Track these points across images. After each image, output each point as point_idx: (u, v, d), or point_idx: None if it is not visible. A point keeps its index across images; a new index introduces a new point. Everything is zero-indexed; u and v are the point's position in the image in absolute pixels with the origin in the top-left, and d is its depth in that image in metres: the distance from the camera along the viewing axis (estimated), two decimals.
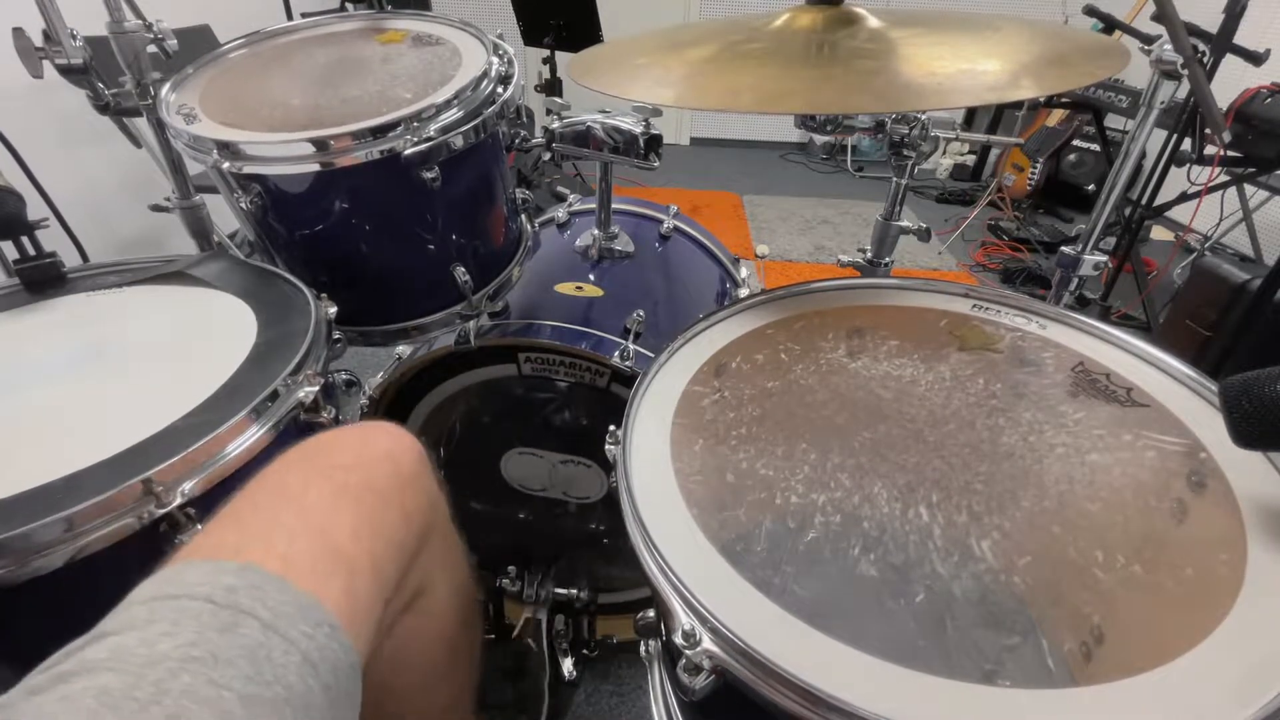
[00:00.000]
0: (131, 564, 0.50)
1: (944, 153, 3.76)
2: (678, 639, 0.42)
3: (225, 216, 0.95)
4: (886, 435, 0.57)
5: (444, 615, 0.60)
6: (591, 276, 1.07)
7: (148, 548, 0.50)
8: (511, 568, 1.10)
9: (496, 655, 1.03)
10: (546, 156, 1.17)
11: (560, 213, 1.24)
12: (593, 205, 1.14)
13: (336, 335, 0.73)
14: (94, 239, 1.44)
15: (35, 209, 0.75)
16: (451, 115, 0.75)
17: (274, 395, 0.58)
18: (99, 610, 0.51)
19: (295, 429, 0.62)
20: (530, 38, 2.83)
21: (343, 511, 0.45)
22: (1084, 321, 0.69)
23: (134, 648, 0.33)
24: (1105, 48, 0.66)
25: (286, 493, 0.45)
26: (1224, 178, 1.92)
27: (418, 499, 0.52)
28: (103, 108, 0.83)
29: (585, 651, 1.16)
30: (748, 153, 4.20)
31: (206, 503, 0.51)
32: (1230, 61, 1.64)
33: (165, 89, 0.80)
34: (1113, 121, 2.79)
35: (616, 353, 0.88)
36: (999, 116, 3.42)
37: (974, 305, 0.74)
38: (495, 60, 0.81)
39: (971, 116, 3.61)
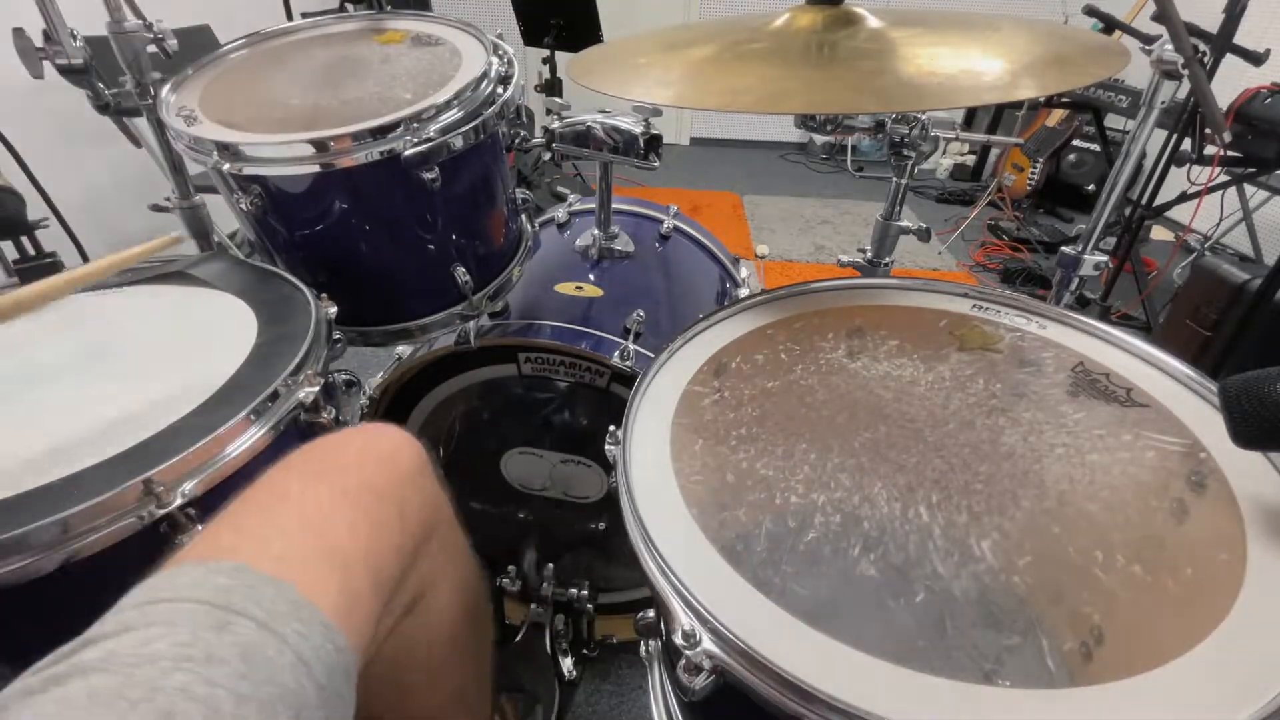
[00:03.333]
0: (132, 564, 0.50)
1: (944, 153, 3.76)
2: (677, 639, 0.42)
3: (225, 216, 0.95)
4: (886, 435, 0.57)
5: (448, 614, 0.60)
6: (591, 276, 1.07)
7: (148, 548, 0.50)
8: (511, 568, 1.11)
9: (505, 651, 1.03)
10: (546, 156, 1.18)
11: (560, 213, 1.24)
12: (593, 205, 1.14)
13: (336, 335, 0.73)
14: (94, 239, 1.44)
15: (35, 209, 0.76)
16: (451, 116, 0.75)
17: (274, 395, 0.58)
18: (100, 611, 0.51)
19: (295, 429, 0.62)
20: (530, 38, 2.83)
21: (340, 512, 0.45)
22: (1084, 321, 0.69)
23: (127, 649, 0.33)
24: (1105, 48, 0.66)
25: (285, 495, 0.45)
26: (1224, 178, 1.92)
27: (418, 500, 0.52)
28: (103, 108, 0.83)
29: (585, 651, 1.16)
30: (748, 153, 4.20)
31: (207, 503, 0.52)
32: (1230, 61, 1.64)
33: (165, 90, 0.80)
34: (1113, 121, 2.79)
35: (616, 353, 0.88)
36: (999, 116, 3.42)
37: (974, 305, 0.74)
38: (495, 60, 0.81)
39: (971, 116, 3.61)
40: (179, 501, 0.49)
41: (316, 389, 0.61)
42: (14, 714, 0.31)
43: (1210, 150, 1.73)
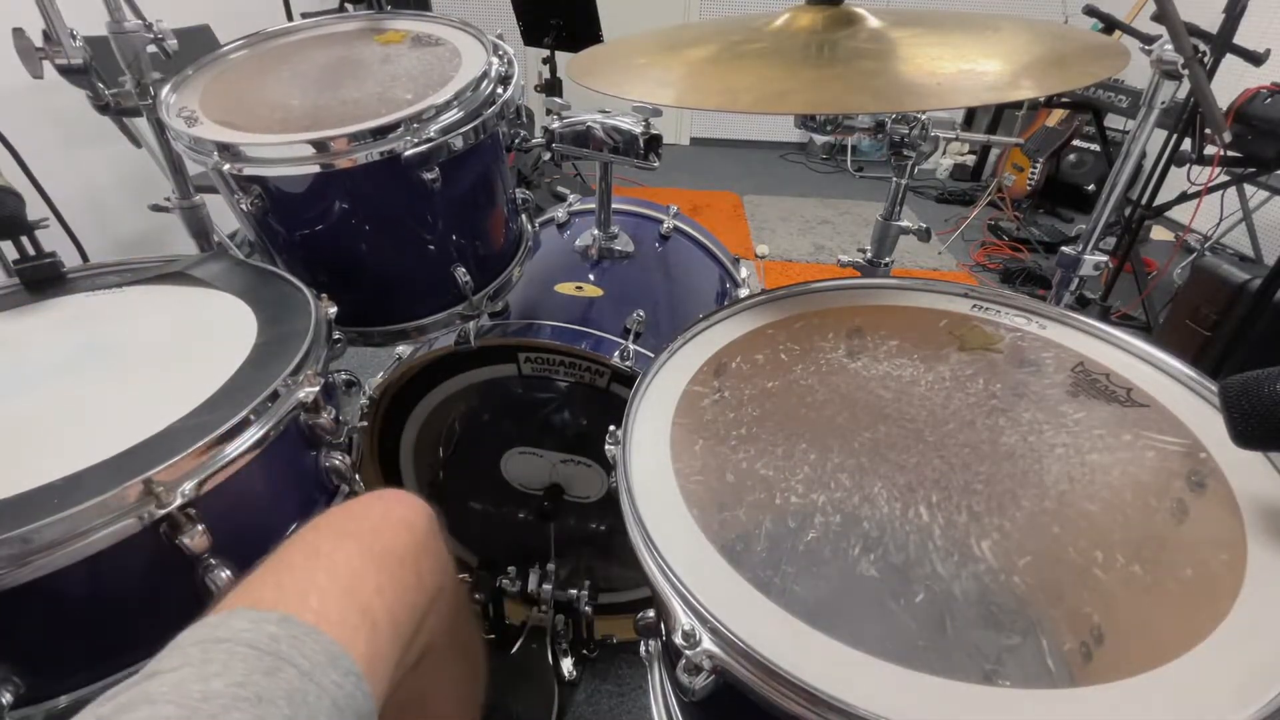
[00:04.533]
0: (132, 565, 0.51)
1: (944, 153, 3.76)
2: (677, 639, 0.42)
3: (225, 216, 0.95)
4: (886, 435, 0.57)
5: (449, 670, 0.65)
6: (591, 276, 1.07)
7: (148, 548, 0.50)
8: (511, 568, 1.11)
9: (502, 667, 1.03)
10: (546, 156, 1.18)
11: (560, 213, 1.24)
12: (593, 205, 1.14)
13: (337, 335, 0.73)
14: (94, 239, 1.44)
15: (35, 209, 0.75)
16: (451, 116, 0.75)
17: (274, 395, 0.58)
18: (100, 611, 0.51)
19: (295, 429, 0.62)
20: (530, 38, 2.83)
21: (368, 572, 0.49)
22: (1084, 321, 0.69)
23: (191, 684, 0.36)
24: (1105, 48, 0.66)
25: (318, 554, 0.49)
26: (1224, 178, 1.92)
27: (430, 563, 0.56)
28: (103, 108, 0.83)
29: (585, 651, 1.16)
30: (748, 153, 4.20)
31: (207, 503, 0.51)
32: (1230, 61, 1.64)
33: (165, 90, 0.80)
34: (1113, 121, 2.79)
35: (616, 353, 0.88)
36: (999, 116, 3.42)
37: (974, 305, 0.74)
38: (495, 60, 0.81)
39: (971, 116, 3.61)
40: (179, 501, 0.49)
41: (316, 389, 0.61)
42: None
43: (1210, 150, 1.73)
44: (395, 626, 0.48)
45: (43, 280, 0.76)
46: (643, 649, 0.70)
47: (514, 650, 1.07)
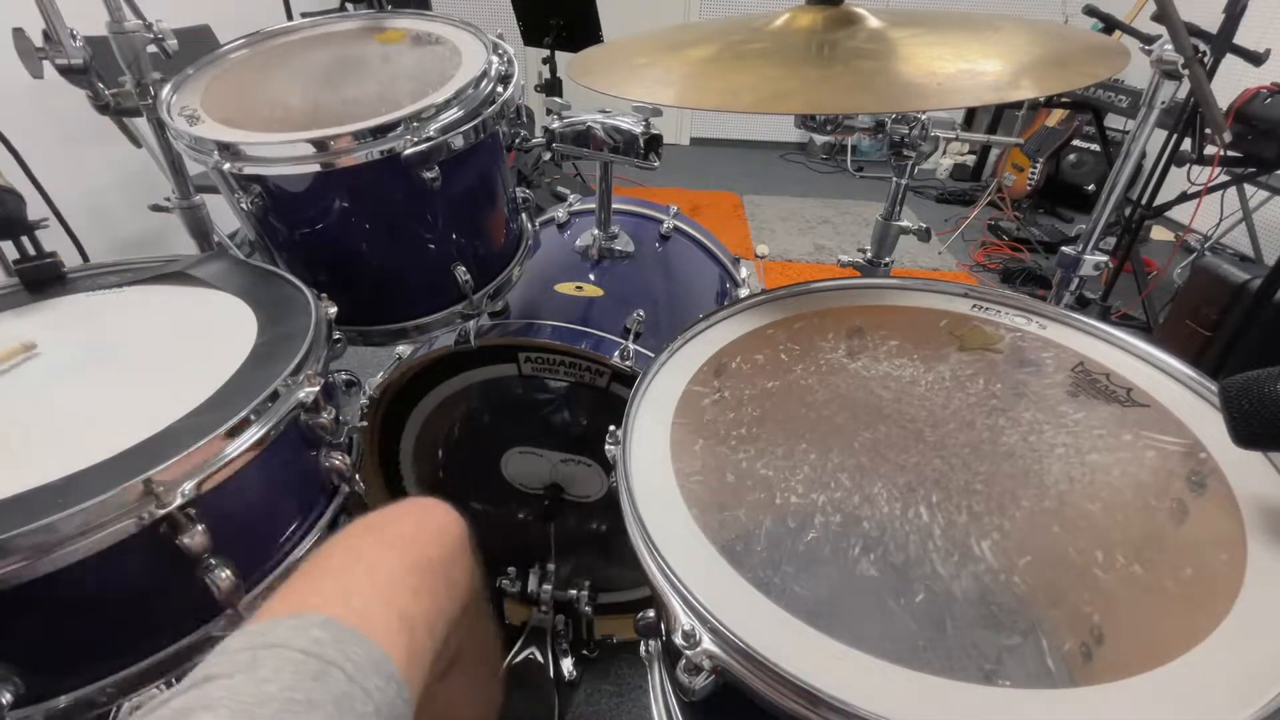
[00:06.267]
0: (132, 565, 0.51)
1: (944, 153, 3.76)
2: (678, 639, 0.42)
3: (225, 216, 0.95)
4: (886, 435, 0.57)
5: (473, 679, 0.65)
6: (591, 276, 1.07)
7: (148, 548, 0.50)
8: (511, 568, 1.11)
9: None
10: (546, 156, 1.18)
11: (560, 213, 1.24)
12: (593, 205, 1.14)
13: (337, 335, 0.73)
14: (94, 239, 1.44)
15: (35, 209, 0.75)
16: (451, 115, 0.75)
17: (274, 395, 0.58)
18: (100, 611, 0.51)
19: (295, 429, 0.62)
20: (530, 38, 2.83)
21: (407, 579, 0.49)
22: (1084, 321, 0.69)
23: (245, 688, 0.36)
24: (1105, 48, 0.66)
25: (359, 557, 0.49)
26: (1224, 178, 1.92)
27: (462, 572, 0.56)
28: (103, 108, 0.83)
29: (585, 652, 1.16)
30: (748, 153, 4.20)
31: (207, 503, 0.51)
32: (1230, 61, 1.64)
33: (166, 89, 0.80)
34: (1113, 121, 2.79)
35: (616, 352, 0.88)
36: (999, 116, 3.43)
37: (974, 305, 0.74)
38: (495, 60, 0.81)
39: (971, 116, 3.61)
40: (179, 501, 0.49)
41: (316, 389, 0.61)
42: None
43: (1210, 150, 1.73)
44: (430, 634, 0.49)
45: (43, 280, 0.76)
46: (643, 649, 0.70)
47: (514, 650, 1.07)
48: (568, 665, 1.09)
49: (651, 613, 0.56)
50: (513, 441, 1.03)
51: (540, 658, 1.06)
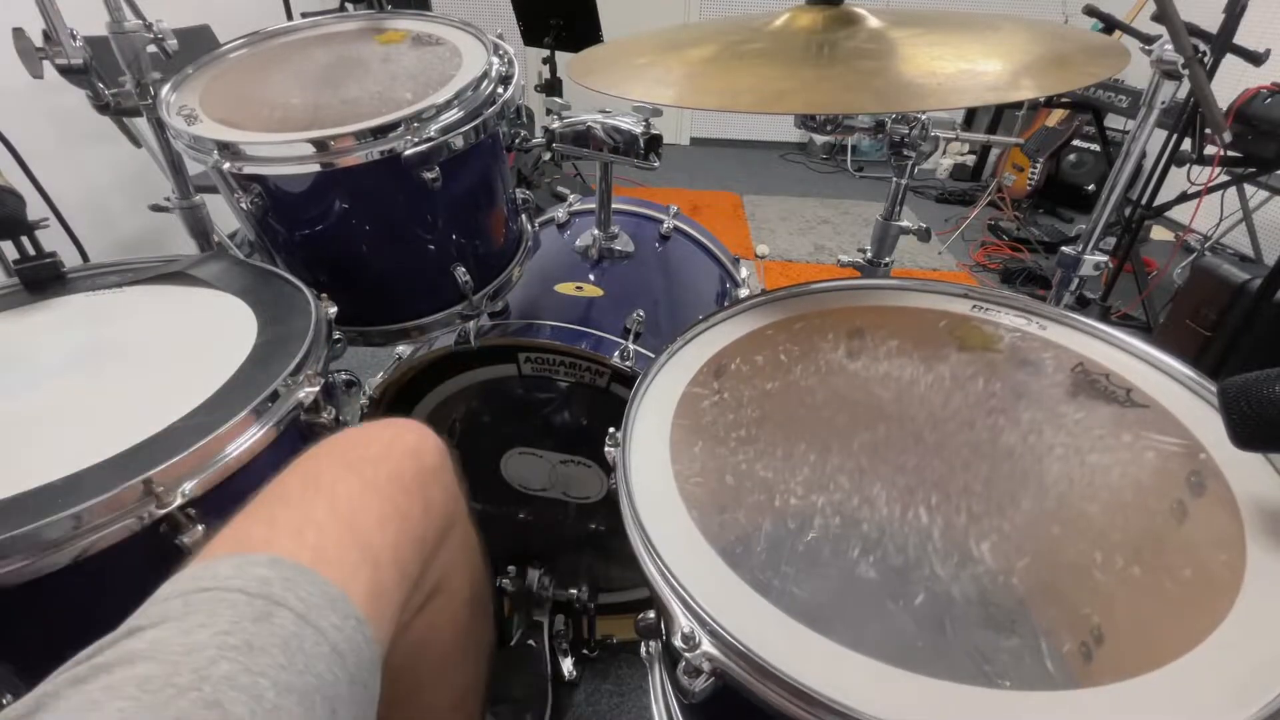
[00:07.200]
0: (132, 565, 0.51)
1: (944, 153, 3.76)
2: (677, 641, 0.42)
3: (225, 216, 0.94)
4: (886, 436, 0.57)
5: (459, 611, 0.61)
6: (591, 276, 1.07)
7: (148, 548, 0.50)
8: (512, 568, 1.11)
9: (498, 656, 1.03)
10: (546, 156, 1.17)
11: (560, 213, 1.24)
12: (593, 205, 1.14)
13: (337, 335, 0.73)
14: (94, 239, 1.44)
15: (35, 209, 0.75)
16: (452, 115, 0.75)
17: (274, 395, 0.58)
18: (100, 611, 0.51)
19: (295, 429, 0.62)
20: (530, 38, 2.83)
21: (370, 505, 0.46)
22: (1084, 322, 0.69)
23: (172, 638, 0.34)
24: (1105, 48, 0.66)
25: (317, 486, 0.46)
26: (1224, 178, 1.92)
27: (440, 494, 0.53)
28: (103, 108, 0.83)
29: (585, 651, 1.16)
30: (748, 153, 4.20)
31: (207, 503, 0.52)
32: (1230, 61, 1.64)
33: (165, 89, 0.80)
34: (1113, 121, 2.79)
35: (616, 353, 0.88)
36: (999, 116, 3.42)
37: (974, 306, 0.74)
38: (495, 60, 0.81)
39: (971, 116, 3.61)
40: (179, 501, 0.49)
41: (316, 389, 0.61)
42: (64, 700, 0.31)
43: (1210, 150, 1.73)
44: (400, 564, 0.45)
45: (43, 280, 0.76)
46: (643, 650, 0.70)
47: (513, 649, 1.07)
48: (568, 665, 1.09)
49: (652, 614, 0.56)
50: (512, 442, 1.03)
51: (536, 647, 1.06)
